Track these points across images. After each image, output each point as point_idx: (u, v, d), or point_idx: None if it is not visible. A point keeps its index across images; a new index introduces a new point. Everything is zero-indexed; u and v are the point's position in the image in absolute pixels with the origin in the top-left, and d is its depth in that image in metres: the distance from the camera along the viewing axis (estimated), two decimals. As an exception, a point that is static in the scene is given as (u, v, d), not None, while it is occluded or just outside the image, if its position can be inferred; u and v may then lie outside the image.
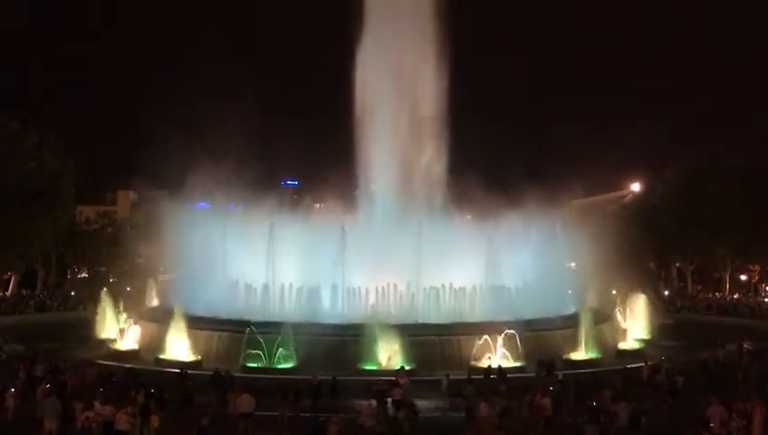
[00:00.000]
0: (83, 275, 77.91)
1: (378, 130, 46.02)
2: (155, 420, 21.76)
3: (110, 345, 38.44)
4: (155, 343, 36.54)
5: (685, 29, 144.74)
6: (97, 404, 21.81)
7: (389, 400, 24.78)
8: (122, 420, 21.02)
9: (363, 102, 46.73)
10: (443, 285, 38.04)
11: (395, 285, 37.50)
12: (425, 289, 37.64)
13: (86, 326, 42.80)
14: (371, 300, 37.61)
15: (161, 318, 39.82)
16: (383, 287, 37.38)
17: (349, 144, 47.19)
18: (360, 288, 37.76)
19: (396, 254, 38.74)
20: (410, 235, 38.57)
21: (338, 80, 49.00)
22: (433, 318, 37.08)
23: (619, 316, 42.29)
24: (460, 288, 38.37)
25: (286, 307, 37.70)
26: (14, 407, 24.23)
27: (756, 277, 74.11)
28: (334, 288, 37.80)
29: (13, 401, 24.28)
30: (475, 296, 38.09)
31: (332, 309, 37.75)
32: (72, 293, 66.55)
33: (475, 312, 37.84)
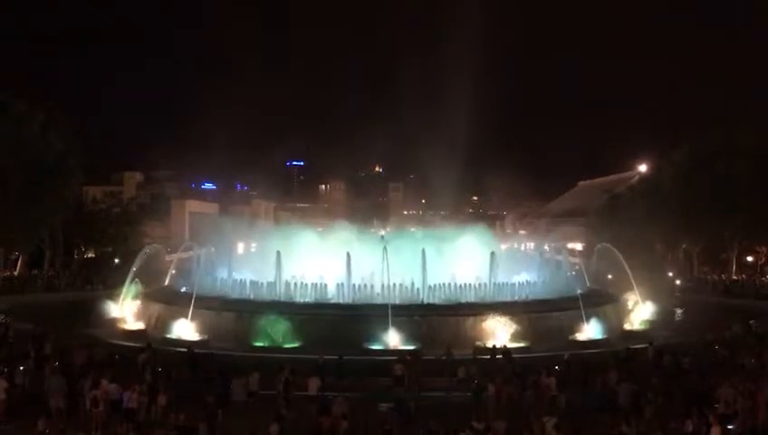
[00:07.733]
0: (90, 254, 78.07)
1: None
2: (162, 399, 21.94)
3: (118, 325, 38.70)
4: (162, 322, 36.76)
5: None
6: (104, 382, 21.99)
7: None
8: (130, 399, 21.22)
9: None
10: (447, 284, 38.14)
11: (400, 284, 37.65)
12: (430, 286, 37.69)
13: (94, 306, 43.04)
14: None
15: (169, 298, 40.10)
16: (389, 285, 37.36)
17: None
18: (365, 284, 37.99)
19: (401, 267, 39.05)
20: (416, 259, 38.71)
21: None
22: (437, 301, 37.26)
23: (624, 297, 42.18)
24: (465, 284, 38.43)
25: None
26: (24, 385, 24.38)
27: (763, 259, 73.65)
28: (340, 286, 38.04)
29: (22, 379, 24.41)
30: (480, 291, 38.13)
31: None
32: (80, 272, 66.79)
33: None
